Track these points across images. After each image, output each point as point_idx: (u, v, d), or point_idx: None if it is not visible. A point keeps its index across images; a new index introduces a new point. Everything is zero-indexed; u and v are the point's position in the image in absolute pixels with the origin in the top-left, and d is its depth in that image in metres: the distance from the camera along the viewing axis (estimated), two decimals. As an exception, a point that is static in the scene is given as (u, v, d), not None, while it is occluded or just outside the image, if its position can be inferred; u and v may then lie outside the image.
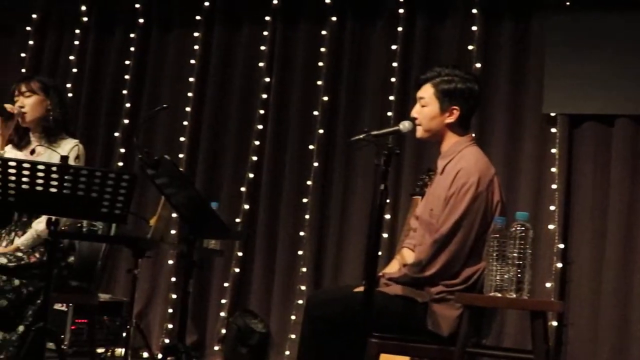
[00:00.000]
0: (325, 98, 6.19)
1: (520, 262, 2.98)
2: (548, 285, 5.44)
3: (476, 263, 3.50)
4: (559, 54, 5.58)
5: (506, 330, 5.54)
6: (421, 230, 3.71)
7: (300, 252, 6.11)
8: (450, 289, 3.48)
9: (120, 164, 6.68)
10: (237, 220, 6.20)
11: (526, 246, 3.00)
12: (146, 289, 6.49)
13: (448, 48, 5.95)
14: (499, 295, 3.01)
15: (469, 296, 3.34)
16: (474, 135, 3.83)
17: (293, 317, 6.02)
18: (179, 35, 6.79)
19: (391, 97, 5.98)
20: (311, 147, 6.18)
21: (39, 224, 4.32)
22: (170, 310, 6.38)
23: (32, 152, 4.48)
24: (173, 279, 6.40)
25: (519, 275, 2.98)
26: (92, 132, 6.81)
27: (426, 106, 3.68)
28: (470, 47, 5.82)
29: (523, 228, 3.01)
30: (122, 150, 6.73)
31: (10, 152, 4.51)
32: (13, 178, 3.49)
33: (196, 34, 6.67)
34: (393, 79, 6.00)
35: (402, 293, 3.54)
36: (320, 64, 6.24)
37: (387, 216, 5.74)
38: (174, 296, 6.37)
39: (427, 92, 3.68)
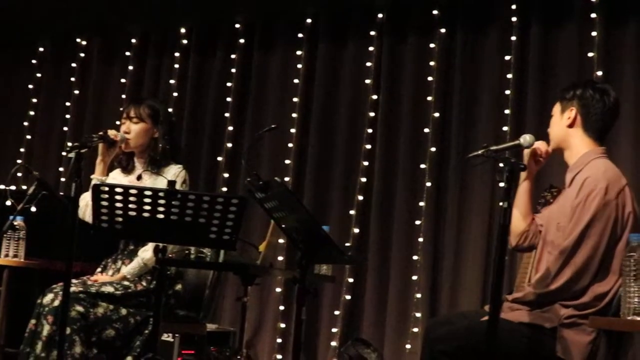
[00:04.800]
0: (437, 114, 6.13)
1: (663, 283, 2.86)
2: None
3: (605, 278, 3.41)
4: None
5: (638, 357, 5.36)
6: (548, 248, 3.63)
7: (414, 277, 6.04)
8: (581, 312, 3.39)
9: (224, 189, 6.75)
10: (347, 244, 6.17)
11: (669, 264, 2.88)
12: (253, 318, 6.51)
13: (566, 56, 5.82)
14: (639, 319, 2.89)
15: (604, 320, 3.23)
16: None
17: (408, 346, 5.96)
18: (282, 55, 6.85)
19: (507, 111, 5.89)
20: (423, 166, 6.13)
21: (146, 252, 4.38)
22: (279, 340, 6.40)
23: (139, 177, 4.55)
24: (281, 308, 6.41)
25: (662, 297, 2.86)
26: (194, 157, 6.91)
27: (553, 115, 3.71)
28: (590, 54, 5.68)
29: (663, 245, 2.89)
30: (226, 175, 6.80)
31: (117, 177, 4.60)
32: (120, 205, 3.55)
33: (299, 53, 6.71)
34: (508, 92, 5.91)
35: (528, 320, 3.47)
36: (430, 78, 6.20)
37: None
38: (283, 325, 6.38)
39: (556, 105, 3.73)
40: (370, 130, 6.36)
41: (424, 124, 6.17)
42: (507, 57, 5.96)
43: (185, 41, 7.23)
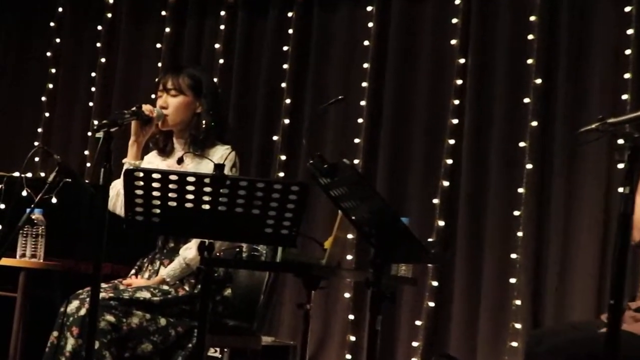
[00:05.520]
0: (539, 81, 6.06)
1: None
2: None
3: None
4: None
5: None
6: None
7: (512, 280, 6.00)
8: None
9: (281, 174, 6.76)
10: (430, 239, 6.14)
11: None
12: (317, 329, 6.54)
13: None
14: None
15: None
16: None
17: (506, 364, 5.94)
18: (348, 12, 6.86)
19: (626, 75, 5.80)
20: (522, 144, 6.07)
21: (188, 251, 4.41)
22: (349, 357, 6.41)
23: (180, 161, 4.56)
24: (351, 317, 6.42)
25: None
26: (245, 135, 6.94)
27: None
28: None
29: None
30: (283, 158, 6.80)
31: (153, 160, 4.63)
32: (157, 194, 3.55)
33: (369, 9, 6.71)
34: (628, 51, 5.82)
35: (655, 331, 3.43)
36: (530, 37, 6.13)
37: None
38: (353, 338, 6.39)
39: None
40: (456, 102, 6.32)
41: (523, 93, 6.12)
42: (627, 9, 5.86)
43: (232, -3, 7.27)
